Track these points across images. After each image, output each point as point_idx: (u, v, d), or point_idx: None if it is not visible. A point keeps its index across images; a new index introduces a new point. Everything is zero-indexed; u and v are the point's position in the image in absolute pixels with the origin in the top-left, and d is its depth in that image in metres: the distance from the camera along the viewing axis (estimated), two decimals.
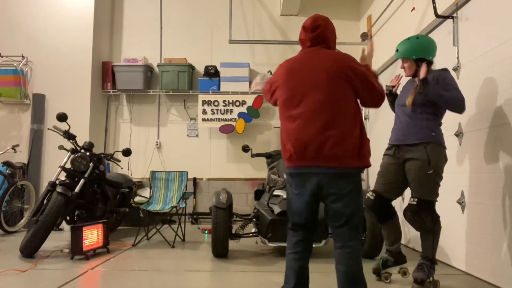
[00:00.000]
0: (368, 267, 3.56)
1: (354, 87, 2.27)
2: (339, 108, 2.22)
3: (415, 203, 3.06)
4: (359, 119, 2.29)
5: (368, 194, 3.32)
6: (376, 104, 2.37)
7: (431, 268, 3.05)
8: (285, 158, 2.34)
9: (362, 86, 2.27)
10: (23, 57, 6.47)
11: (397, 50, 3.27)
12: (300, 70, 2.31)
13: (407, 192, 3.22)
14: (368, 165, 2.29)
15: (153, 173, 5.45)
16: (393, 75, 5.47)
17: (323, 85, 2.23)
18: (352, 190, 2.24)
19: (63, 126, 4.70)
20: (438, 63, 4.11)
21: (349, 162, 2.22)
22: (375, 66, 6.29)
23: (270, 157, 4.88)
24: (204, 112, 6.82)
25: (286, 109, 2.33)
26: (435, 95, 3.02)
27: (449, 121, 3.87)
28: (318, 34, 2.36)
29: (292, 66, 2.36)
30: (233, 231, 4.28)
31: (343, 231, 2.24)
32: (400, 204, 4.98)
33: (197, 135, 7.16)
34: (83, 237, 4.00)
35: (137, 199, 6.10)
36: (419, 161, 3.04)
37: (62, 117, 4.48)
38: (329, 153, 2.18)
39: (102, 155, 4.96)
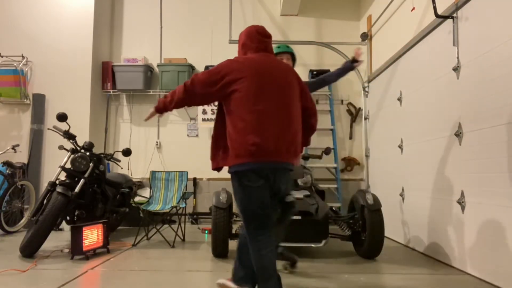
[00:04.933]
0: (368, 267, 3.57)
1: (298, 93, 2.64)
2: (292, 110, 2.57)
3: None
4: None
5: None
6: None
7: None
8: (248, 153, 2.40)
9: (301, 93, 2.66)
10: (23, 57, 6.47)
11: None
12: (269, 70, 2.54)
13: (408, 191, 3.23)
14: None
15: (153, 173, 5.45)
16: (393, 75, 5.49)
17: (288, 88, 2.56)
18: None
19: (63, 126, 4.70)
20: (439, 63, 4.13)
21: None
22: (375, 66, 6.29)
23: None
24: (204, 112, 6.82)
25: (250, 102, 2.45)
26: None
27: (449, 121, 3.87)
28: (269, 42, 2.70)
29: (258, 64, 2.53)
30: (233, 231, 4.28)
31: None
32: (400, 204, 4.98)
33: (197, 135, 7.16)
34: (83, 237, 4.00)
35: (137, 199, 6.10)
36: None
37: (62, 117, 4.48)
38: None
39: (102, 155, 4.96)
